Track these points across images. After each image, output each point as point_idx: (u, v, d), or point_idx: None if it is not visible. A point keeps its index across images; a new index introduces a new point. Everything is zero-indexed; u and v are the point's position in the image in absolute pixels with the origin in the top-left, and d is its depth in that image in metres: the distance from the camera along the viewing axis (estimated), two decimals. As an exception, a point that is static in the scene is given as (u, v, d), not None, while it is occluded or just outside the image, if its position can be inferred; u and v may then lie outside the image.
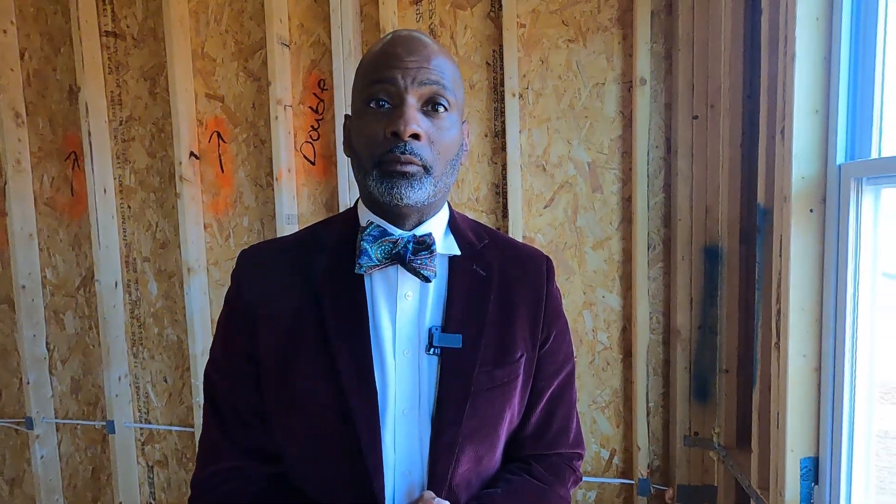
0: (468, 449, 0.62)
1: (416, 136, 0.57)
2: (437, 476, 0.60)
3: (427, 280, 0.60)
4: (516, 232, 1.46)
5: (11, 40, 1.73)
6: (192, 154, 1.64)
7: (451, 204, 1.51)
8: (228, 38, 1.62)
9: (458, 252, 0.65)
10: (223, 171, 1.67)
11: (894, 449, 3.22)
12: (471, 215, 1.52)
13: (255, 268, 0.66)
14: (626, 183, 1.44)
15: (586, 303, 1.49)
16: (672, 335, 1.42)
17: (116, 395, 1.75)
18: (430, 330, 0.62)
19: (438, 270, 0.64)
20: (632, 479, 1.47)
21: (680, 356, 1.39)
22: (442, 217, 0.67)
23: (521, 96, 1.46)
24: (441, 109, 0.59)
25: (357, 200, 0.68)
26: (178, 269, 1.70)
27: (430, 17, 1.51)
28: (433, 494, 0.58)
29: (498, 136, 1.49)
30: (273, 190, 1.58)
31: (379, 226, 0.62)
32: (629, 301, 1.46)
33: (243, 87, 1.63)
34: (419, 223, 0.63)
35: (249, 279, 0.65)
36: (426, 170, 0.58)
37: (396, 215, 0.62)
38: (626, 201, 1.45)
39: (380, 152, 0.57)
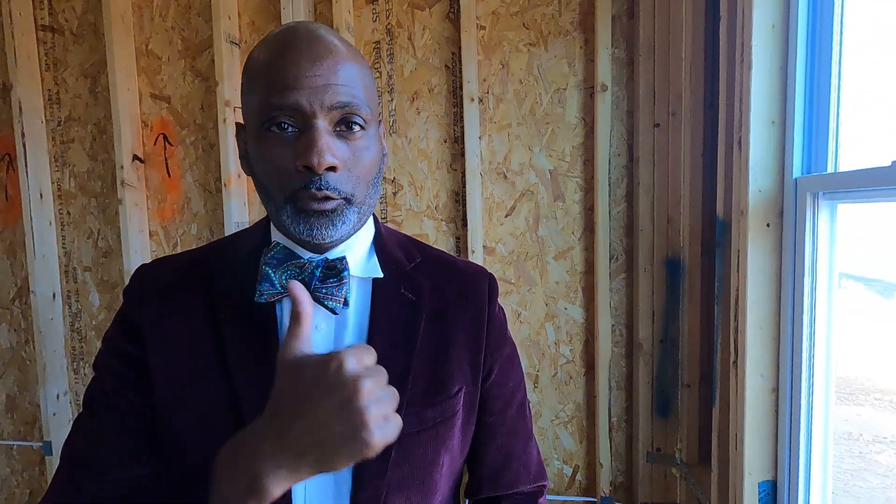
0: (398, 501, 0.55)
1: (332, 168, 0.49)
2: None
3: (333, 312, 0.52)
4: (476, 241, 1.41)
5: (-62, 33, 1.60)
6: (135, 157, 1.55)
7: (410, 213, 1.47)
8: (175, 35, 1.53)
9: (380, 275, 0.57)
10: (170, 176, 1.58)
11: (857, 452, 3.27)
12: (430, 224, 1.47)
13: (152, 286, 0.57)
14: (589, 191, 1.40)
15: (548, 315, 1.44)
16: (635, 348, 1.38)
17: (54, 414, 1.64)
18: None
19: (360, 296, 0.57)
20: (594, 497, 1.43)
21: (642, 370, 1.35)
22: (365, 235, 0.59)
23: (480, 101, 1.41)
24: (356, 129, 0.51)
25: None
26: (121, 279, 1.60)
27: (388, 18, 1.44)
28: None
29: (457, 142, 1.44)
30: (222, 196, 1.49)
31: (285, 248, 0.54)
32: (592, 313, 1.42)
33: (191, 87, 1.54)
34: (335, 245, 0.56)
35: (143, 297, 0.56)
36: (348, 200, 0.51)
37: (303, 242, 0.54)
38: (589, 210, 1.41)
39: (292, 188, 0.49)
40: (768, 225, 0.88)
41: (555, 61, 1.39)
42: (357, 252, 0.58)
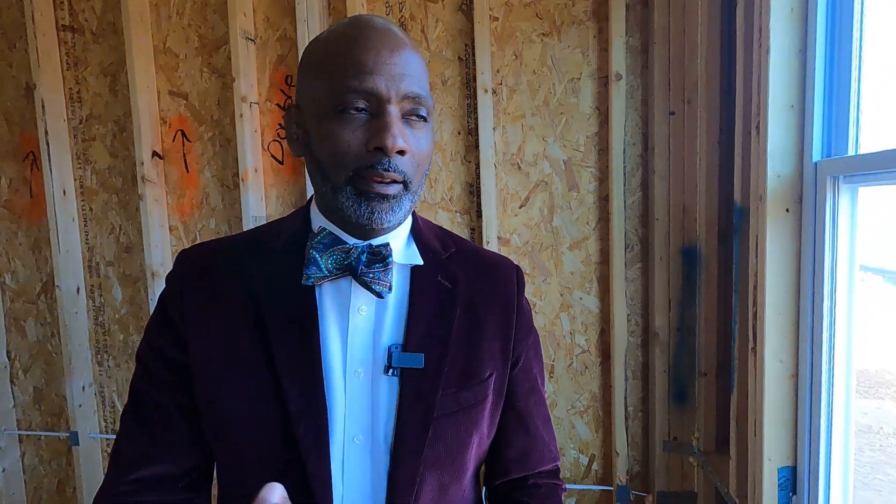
0: (431, 479, 0.57)
1: (401, 153, 0.51)
2: None
3: (379, 296, 0.55)
4: (491, 233, 1.42)
5: (-37, 35, 1.65)
6: (155, 154, 1.58)
7: (425, 205, 1.47)
8: (191, 33, 1.56)
9: (420, 262, 0.59)
10: (188, 172, 1.61)
11: (878, 445, 3.23)
12: (444, 216, 1.48)
13: (193, 271, 0.59)
14: (603, 181, 1.40)
15: (563, 305, 1.45)
16: (651, 338, 1.38)
17: (80, 406, 1.68)
18: (389, 349, 0.56)
19: (399, 282, 0.59)
20: (611, 486, 1.43)
21: (659, 359, 1.35)
22: (405, 224, 0.61)
23: (494, 92, 1.41)
24: (420, 120, 0.54)
25: (310, 200, 0.61)
26: (142, 273, 1.64)
27: (400, 10, 1.45)
28: None
29: (471, 134, 1.44)
30: (240, 191, 1.52)
31: (331, 233, 0.56)
32: (607, 303, 1.42)
33: (208, 84, 1.56)
34: (383, 232, 0.58)
35: (185, 283, 0.58)
36: (406, 186, 0.53)
37: (358, 225, 0.55)
38: (603, 200, 1.41)
39: (356, 167, 0.51)
40: (787, 210, 0.87)
41: (568, 51, 1.38)
42: (398, 240, 0.60)
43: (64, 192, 1.63)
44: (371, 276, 0.54)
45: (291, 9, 1.46)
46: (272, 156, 1.55)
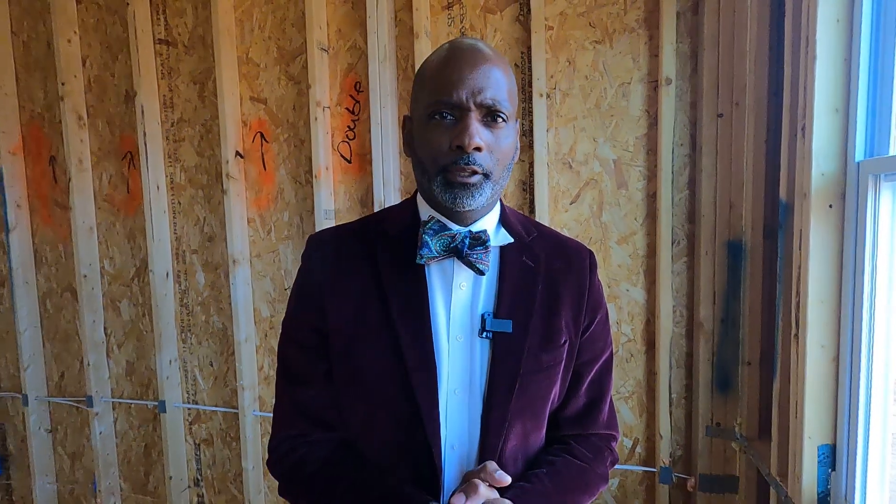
0: (517, 425, 0.68)
1: (478, 149, 0.62)
2: (488, 450, 0.67)
3: (481, 273, 0.67)
4: (543, 227, 1.52)
5: (75, 49, 1.87)
6: (237, 153, 1.76)
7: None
8: (271, 45, 1.73)
9: (510, 241, 0.71)
10: (265, 170, 1.78)
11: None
12: (499, 211, 1.59)
13: (324, 251, 0.72)
14: (651, 179, 1.48)
15: (610, 296, 1.54)
16: (695, 328, 1.45)
17: (167, 378, 1.89)
18: (482, 315, 0.68)
19: (491, 261, 0.70)
20: (654, 468, 1.51)
21: (703, 348, 1.42)
22: (495, 213, 0.73)
23: (548, 96, 1.52)
24: (500, 121, 0.64)
25: (416, 193, 0.74)
26: (223, 260, 1.82)
27: (462, 22, 1.57)
28: (496, 466, 0.61)
29: (525, 135, 1.55)
30: (312, 187, 1.68)
31: (439, 220, 0.68)
32: (653, 294, 1.50)
33: (285, 90, 1.73)
34: (475, 220, 0.70)
35: (318, 261, 0.72)
36: (486, 176, 0.64)
37: (455, 213, 0.67)
38: (651, 197, 1.49)
39: (444, 163, 0.63)
40: (830, 206, 0.94)
41: (620, 57, 1.47)
42: (489, 227, 0.72)
43: (157, 188, 1.84)
44: (474, 256, 0.66)
45: (362, 22, 1.61)
46: (341, 155, 1.70)
